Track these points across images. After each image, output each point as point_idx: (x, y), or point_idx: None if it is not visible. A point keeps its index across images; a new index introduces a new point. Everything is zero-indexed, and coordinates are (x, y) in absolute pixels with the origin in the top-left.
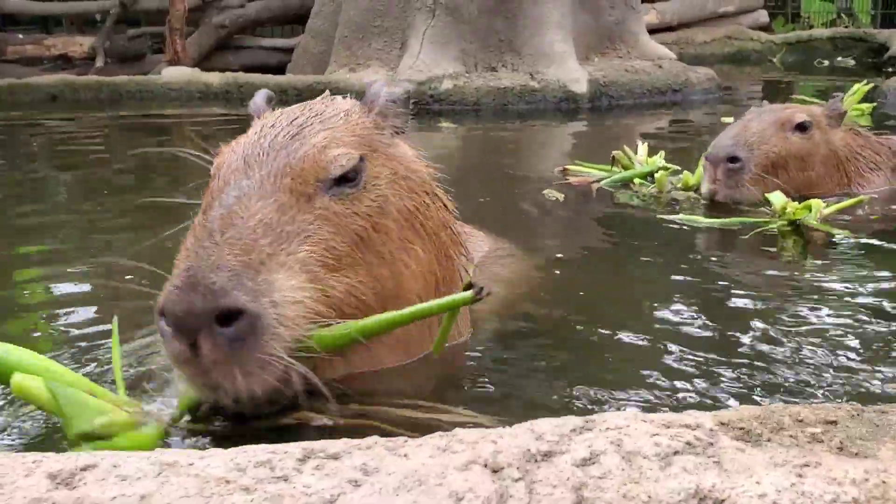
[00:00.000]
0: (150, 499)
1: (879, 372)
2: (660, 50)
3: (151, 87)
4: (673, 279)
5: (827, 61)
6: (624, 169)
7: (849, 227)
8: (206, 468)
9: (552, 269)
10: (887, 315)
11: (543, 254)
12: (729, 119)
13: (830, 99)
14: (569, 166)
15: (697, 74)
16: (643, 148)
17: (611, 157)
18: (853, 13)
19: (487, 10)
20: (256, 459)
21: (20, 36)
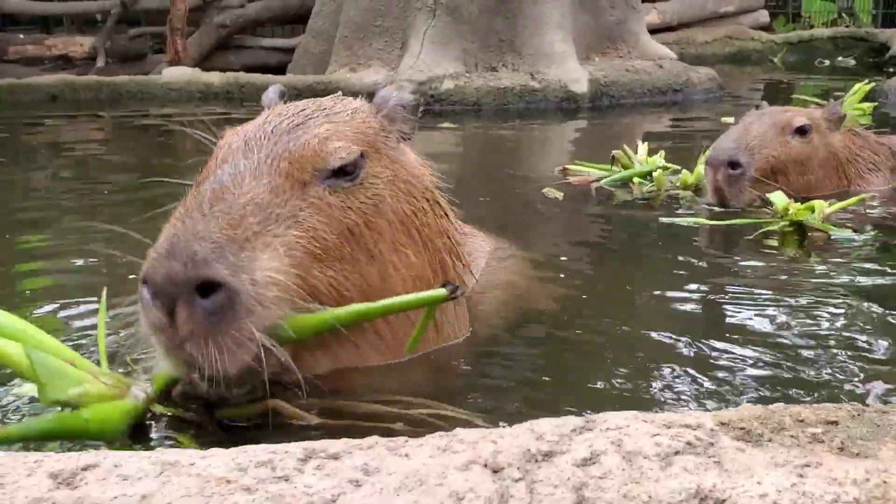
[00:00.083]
0: (152, 498)
1: (880, 372)
2: (660, 50)
3: (152, 87)
4: (673, 279)
5: (828, 61)
6: (624, 168)
7: (850, 227)
8: (208, 468)
9: (552, 269)
10: (889, 315)
11: (543, 253)
12: (729, 119)
13: (831, 101)
14: (569, 166)
15: (698, 74)
16: (643, 147)
17: (611, 157)
18: (854, 13)
19: (488, 10)
20: (257, 459)
21: (21, 36)
